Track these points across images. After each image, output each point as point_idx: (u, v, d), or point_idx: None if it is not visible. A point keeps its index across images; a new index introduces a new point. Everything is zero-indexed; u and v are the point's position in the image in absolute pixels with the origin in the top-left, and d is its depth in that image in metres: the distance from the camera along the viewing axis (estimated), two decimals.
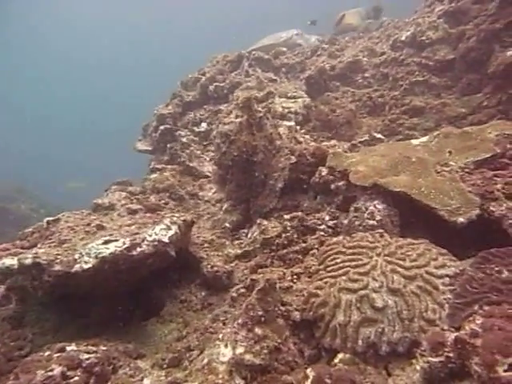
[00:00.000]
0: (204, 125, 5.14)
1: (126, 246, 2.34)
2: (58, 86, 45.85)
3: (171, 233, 2.59)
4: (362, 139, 3.78)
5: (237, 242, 3.31)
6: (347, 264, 2.37)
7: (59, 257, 2.19)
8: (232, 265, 3.09)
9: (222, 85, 5.38)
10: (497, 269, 2.18)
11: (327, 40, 6.42)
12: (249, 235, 3.36)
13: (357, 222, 2.73)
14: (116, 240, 2.38)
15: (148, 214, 3.11)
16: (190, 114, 5.37)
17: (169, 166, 4.29)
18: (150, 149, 5.23)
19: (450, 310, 2.07)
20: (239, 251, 3.15)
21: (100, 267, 2.26)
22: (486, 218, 2.60)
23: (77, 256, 2.21)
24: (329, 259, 2.49)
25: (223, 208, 3.70)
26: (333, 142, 4.00)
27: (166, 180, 3.96)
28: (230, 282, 2.98)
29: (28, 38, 42.60)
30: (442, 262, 2.32)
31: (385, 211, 2.71)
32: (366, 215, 2.72)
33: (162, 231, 2.55)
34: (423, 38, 5.05)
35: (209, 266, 2.98)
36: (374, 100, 5.25)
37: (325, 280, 2.36)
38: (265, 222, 3.20)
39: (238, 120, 3.33)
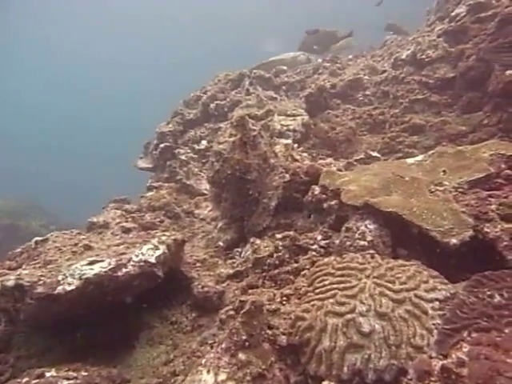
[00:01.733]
0: (204, 142, 5.18)
1: (111, 266, 2.33)
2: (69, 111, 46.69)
3: (159, 253, 2.57)
4: (358, 157, 3.75)
5: (230, 261, 3.28)
6: (335, 286, 2.31)
7: (42, 278, 2.18)
8: (223, 285, 3.05)
9: (222, 103, 5.43)
10: (489, 293, 2.11)
11: (328, 59, 6.46)
12: (242, 254, 3.33)
13: (348, 243, 2.68)
14: (102, 260, 2.37)
15: (139, 233, 3.10)
16: (191, 131, 5.42)
17: (166, 184, 4.31)
18: (150, 166, 5.27)
19: (438, 336, 1.99)
20: (231, 271, 3.12)
21: (84, 289, 2.24)
22: (480, 240, 2.53)
23: (60, 277, 2.20)
24: (317, 281, 2.44)
25: (218, 226, 3.68)
26: (329, 159, 3.97)
27: (162, 198, 3.96)
28: (220, 303, 2.94)
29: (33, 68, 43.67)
30: (433, 285, 2.25)
31: (376, 231, 2.66)
32: (356, 235, 2.67)
33: (149, 251, 2.54)
34: (423, 56, 5.06)
35: (199, 287, 2.94)
36: (374, 118, 5.24)
37: (312, 303, 2.31)
38: (257, 242, 3.17)
39: (232, 139, 3.34)
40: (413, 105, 4.89)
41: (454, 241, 2.47)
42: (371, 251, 2.57)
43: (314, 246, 2.94)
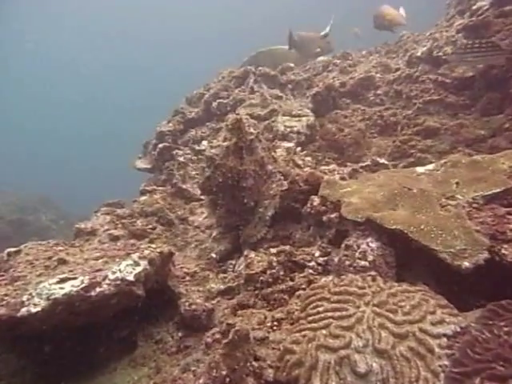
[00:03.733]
0: (205, 143, 4.94)
1: (83, 285, 2.12)
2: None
3: (139, 269, 2.36)
4: (364, 164, 3.47)
5: (222, 275, 3.05)
6: (330, 315, 2.06)
7: (6, 298, 1.99)
8: (213, 302, 2.82)
9: (225, 101, 5.18)
10: (506, 329, 1.83)
11: (339, 55, 6.15)
12: (235, 268, 3.10)
13: (347, 262, 2.42)
14: (74, 278, 2.17)
15: (124, 243, 2.89)
16: (192, 131, 5.20)
17: (160, 188, 4.10)
18: (149, 167, 5.08)
19: (445, 381, 1.73)
20: (222, 287, 2.89)
21: (52, 310, 2.05)
22: (497, 262, 2.24)
23: (25, 297, 2.00)
24: (311, 306, 2.19)
25: (212, 235, 3.45)
26: (332, 166, 3.70)
27: (155, 203, 3.76)
28: (210, 322, 2.72)
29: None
30: (441, 316, 1.98)
31: (378, 250, 2.39)
32: (357, 254, 2.40)
33: (127, 268, 2.32)
34: (440, 53, 4.71)
35: (187, 304, 2.72)
36: (385, 119, 4.93)
37: (303, 332, 2.06)
38: (251, 255, 2.93)
39: (225, 143, 3.10)
40: (427, 106, 4.56)
41: (466, 264, 2.19)
42: (373, 273, 2.31)
43: (312, 263, 2.69)
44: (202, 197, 3.90)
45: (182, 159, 4.51)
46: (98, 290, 2.14)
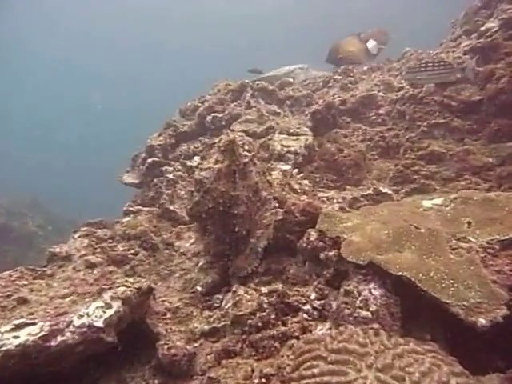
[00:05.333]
0: (197, 158, 4.68)
1: (42, 333, 1.84)
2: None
3: (110, 313, 2.07)
4: (365, 193, 3.22)
5: (207, 312, 2.76)
6: (326, 380, 1.78)
7: None
8: (196, 345, 2.53)
9: (220, 116, 4.93)
10: None
11: (340, 71, 5.93)
12: (222, 304, 2.81)
13: (347, 311, 2.15)
14: (33, 323, 1.88)
15: (101, 273, 2.61)
16: (184, 145, 4.93)
17: (145, 209, 3.82)
18: (136, 182, 4.79)
19: None
20: (207, 327, 2.60)
21: (4, 363, 1.76)
22: None
23: None
24: (305, 366, 1.90)
25: (199, 265, 3.17)
26: (331, 193, 3.44)
27: (139, 225, 3.47)
28: (190, 369, 2.43)
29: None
30: None
31: (382, 299, 2.13)
32: (358, 303, 2.14)
33: (97, 311, 2.04)
34: None
35: (165, 347, 2.43)
36: (387, 140, 4.70)
37: None
38: (240, 291, 2.65)
39: (217, 166, 2.83)
40: (432, 129, 4.33)
41: (482, 321, 1.93)
42: (375, 325, 2.04)
43: (307, 307, 2.41)
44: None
45: (171, 176, 4.23)
46: (59, 339, 1.86)
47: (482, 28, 4.70)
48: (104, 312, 2.05)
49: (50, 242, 13.43)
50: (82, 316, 1.99)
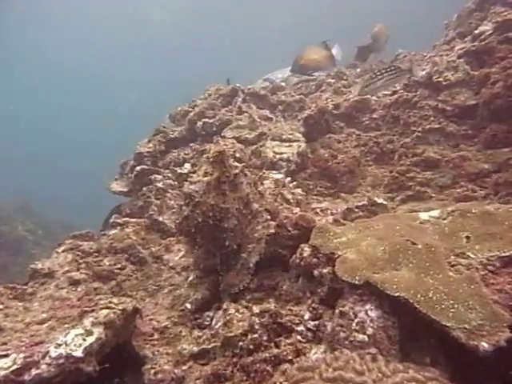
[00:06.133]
0: (188, 166, 4.55)
1: (15, 367, 1.71)
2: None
3: (90, 340, 1.95)
4: (360, 204, 3.11)
5: (196, 332, 2.64)
6: None
7: None
8: (184, 368, 2.41)
9: (211, 121, 4.81)
10: None
11: (333, 74, 5.84)
12: (213, 322, 2.70)
13: (342, 334, 2.04)
14: (5, 355, 1.75)
15: (79, 297, 2.47)
16: (174, 152, 4.80)
17: (133, 220, 3.68)
18: (125, 190, 4.65)
19: None
20: (196, 349, 2.48)
21: None
22: None
23: None
24: None
25: (188, 280, 3.05)
26: (324, 204, 3.34)
27: (126, 238, 3.34)
28: None
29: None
30: None
31: (379, 321, 2.02)
32: (354, 325, 2.03)
33: (76, 339, 1.91)
34: (440, 79, 4.42)
35: (152, 372, 2.32)
36: (381, 146, 4.61)
37: None
38: (231, 310, 2.54)
39: (206, 178, 2.71)
40: (427, 135, 4.24)
41: (484, 345, 1.83)
42: (372, 350, 1.94)
43: (300, 328, 2.30)
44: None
45: (160, 185, 4.10)
46: (33, 372, 1.73)
47: (476, 31, 4.63)
48: (84, 340, 1.92)
49: (40, 247, 13.20)
50: (59, 345, 1.86)
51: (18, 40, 40.29)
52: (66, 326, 2.02)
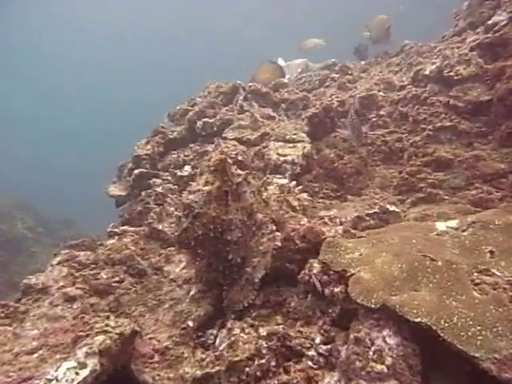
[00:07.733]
0: (188, 168, 4.36)
1: None
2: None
3: (84, 374, 1.79)
4: (371, 212, 2.93)
5: (199, 354, 2.48)
6: None
7: None
8: None
9: (211, 121, 4.61)
10: None
11: (338, 68, 5.61)
12: (217, 341, 2.54)
13: (358, 364, 1.88)
14: None
15: (74, 318, 2.32)
16: (174, 153, 4.61)
17: (131, 229, 3.51)
18: (123, 194, 4.48)
19: None
20: (199, 372, 2.32)
21: None
22: None
23: None
24: None
25: (190, 294, 2.89)
26: (333, 212, 3.16)
27: (124, 249, 3.17)
28: None
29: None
30: None
31: (399, 349, 1.85)
32: (371, 354, 1.86)
33: (68, 373, 1.75)
34: (451, 73, 4.21)
35: None
36: (389, 145, 4.41)
37: None
38: (236, 329, 2.38)
39: (207, 188, 2.53)
40: (438, 133, 4.04)
41: None
42: (392, 382, 1.78)
43: (311, 352, 2.14)
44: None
45: (159, 189, 3.92)
46: None
47: (489, 22, 4.40)
48: (77, 374, 1.76)
49: (40, 244, 13.08)
50: (50, 381, 1.70)
51: (18, 35, 39.90)
52: (58, 356, 1.86)
